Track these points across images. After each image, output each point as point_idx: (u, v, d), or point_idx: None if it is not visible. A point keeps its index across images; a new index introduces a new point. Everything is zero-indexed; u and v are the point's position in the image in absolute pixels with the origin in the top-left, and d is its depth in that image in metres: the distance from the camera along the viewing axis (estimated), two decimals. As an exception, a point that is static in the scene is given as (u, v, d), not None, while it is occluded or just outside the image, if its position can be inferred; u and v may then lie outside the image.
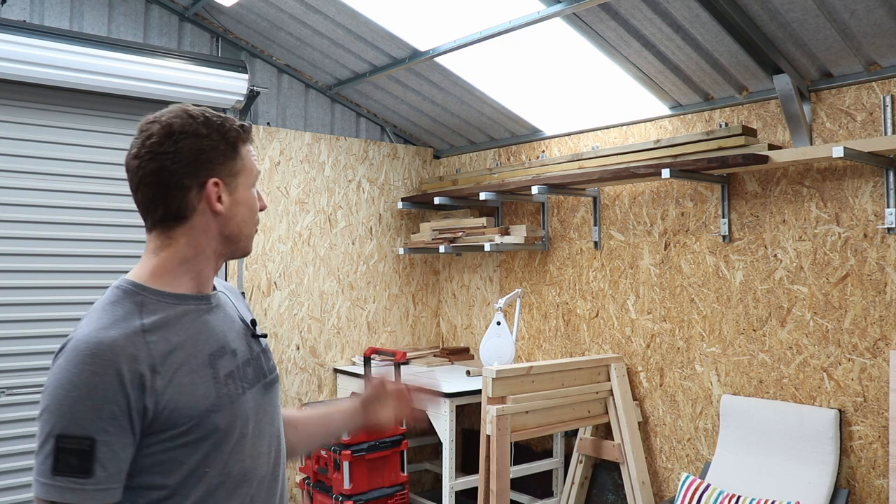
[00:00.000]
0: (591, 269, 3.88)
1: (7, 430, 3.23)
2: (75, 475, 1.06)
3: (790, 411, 2.93)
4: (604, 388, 3.50)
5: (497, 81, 3.75)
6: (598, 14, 2.88)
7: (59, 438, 1.06)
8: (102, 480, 1.08)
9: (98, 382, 1.07)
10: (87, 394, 1.07)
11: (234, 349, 1.27)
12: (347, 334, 4.47)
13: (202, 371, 1.19)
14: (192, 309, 1.23)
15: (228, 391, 1.21)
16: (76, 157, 3.45)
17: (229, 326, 1.29)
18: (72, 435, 1.06)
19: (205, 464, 1.16)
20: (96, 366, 1.08)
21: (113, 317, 1.14)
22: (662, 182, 3.52)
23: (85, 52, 3.27)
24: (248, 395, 1.25)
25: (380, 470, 3.73)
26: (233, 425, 1.20)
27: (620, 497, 3.68)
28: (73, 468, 1.06)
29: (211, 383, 1.19)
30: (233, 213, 1.25)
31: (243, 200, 1.27)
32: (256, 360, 1.31)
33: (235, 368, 1.25)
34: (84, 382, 1.07)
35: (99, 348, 1.09)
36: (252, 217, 1.29)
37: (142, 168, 1.19)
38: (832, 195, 2.92)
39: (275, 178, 4.19)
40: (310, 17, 3.64)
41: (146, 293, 1.19)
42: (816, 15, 2.57)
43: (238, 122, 1.28)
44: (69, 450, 1.06)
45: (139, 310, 1.17)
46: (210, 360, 1.21)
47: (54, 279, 3.38)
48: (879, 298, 2.77)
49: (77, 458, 1.06)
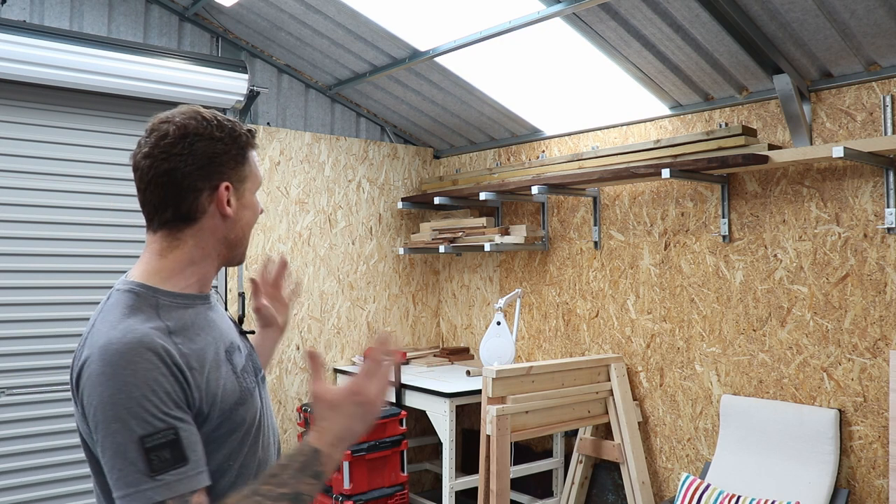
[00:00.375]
0: (591, 269, 3.88)
1: (7, 430, 3.23)
2: (174, 467, 1.05)
3: (790, 411, 2.93)
4: (604, 388, 3.50)
5: (497, 81, 3.75)
6: (598, 14, 2.88)
7: (143, 439, 1.04)
8: (197, 463, 1.09)
9: (155, 377, 1.07)
10: (150, 389, 1.06)
11: (238, 345, 1.30)
12: (347, 334, 4.47)
13: (224, 367, 1.21)
14: (199, 309, 1.24)
15: (247, 384, 1.24)
16: (76, 157, 3.45)
17: (228, 324, 1.33)
18: (154, 431, 1.05)
19: (230, 458, 1.19)
20: (146, 362, 1.08)
21: (137, 319, 1.14)
22: (662, 182, 3.52)
23: (85, 52, 3.27)
24: (257, 388, 1.29)
25: (380, 470, 3.73)
26: (254, 418, 1.24)
27: (620, 497, 3.68)
28: (170, 461, 1.05)
29: (233, 378, 1.21)
30: (239, 217, 1.26)
31: (249, 205, 1.28)
32: (252, 355, 1.35)
33: (245, 363, 1.28)
34: (142, 380, 1.06)
35: (141, 346, 1.09)
36: (254, 221, 1.31)
37: (154, 168, 1.19)
38: (832, 195, 2.92)
39: (275, 178, 4.19)
40: (310, 17, 3.64)
41: (160, 295, 1.19)
42: (816, 15, 2.57)
43: (246, 128, 1.29)
44: (158, 446, 1.05)
45: (157, 312, 1.16)
46: (227, 356, 1.23)
47: (54, 279, 3.39)
48: (879, 298, 2.77)
49: (169, 451, 1.05)
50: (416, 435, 4.55)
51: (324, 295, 4.36)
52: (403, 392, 3.90)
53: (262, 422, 1.27)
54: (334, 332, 4.41)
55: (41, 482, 3.27)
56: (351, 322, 4.48)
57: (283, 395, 4.19)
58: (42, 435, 3.28)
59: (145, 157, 1.20)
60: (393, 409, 3.81)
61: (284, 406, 4.19)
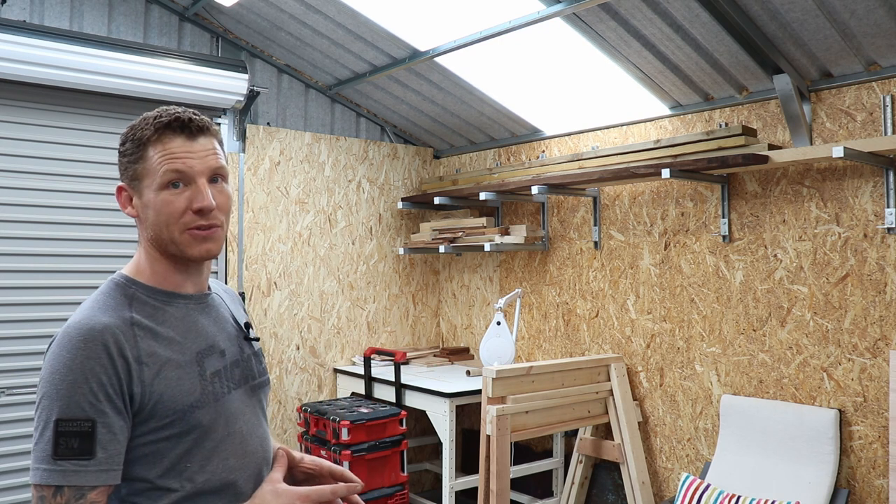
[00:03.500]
0: (591, 269, 3.88)
1: (7, 430, 3.23)
2: (77, 457, 1.08)
3: (790, 411, 2.93)
4: (604, 388, 3.50)
5: (497, 81, 3.75)
6: (598, 14, 2.88)
7: (59, 422, 1.08)
8: (103, 461, 1.10)
9: (93, 365, 1.10)
10: (83, 377, 1.10)
11: (222, 349, 1.29)
12: (347, 334, 4.47)
13: (188, 367, 1.21)
14: (181, 306, 1.26)
15: (214, 389, 1.23)
16: (76, 157, 3.46)
17: (220, 327, 1.32)
18: (72, 418, 1.08)
19: (186, 458, 1.18)
20: (90, 350, 1.11)
21: (104, 306, 1.19)
22: (662, 182, 3.52)
23: (85, 52, 3.27)
24: (234, 394, 1.27)
25: (380, 470, 3.73)
26: (216, 423, 1.22)
27: (620, 497, 3.68)
28: (75, 450, 1.08)
29: (197, 380, 1.21)
30: (144, 216, 1.26)
31: (149, 203, 1.22)
32: (247, 361, 1.34)
33: (223, 368, 1.27)
34: (79, 366, 1.10)
35: (91, 333, 1.12)
36: (166, 219, 1.21)
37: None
38: (832, 195, 2.92)
39: (275, 178, 4.19)
40: (310, 17, 3.64)
41: (136, 287, 1.24)
42: (816, 15, 2.57)
43: (163, 118, 1.22)
44: (70, 432, 1.08)
45: (129, 302, 1.21)
46: (197, 357, 1.23)
47: (55, 279, 3.39)
48: (879, 298, 2.77)
49: (78, 440, 1.08)
50: (416, 435, 4.55)
51: (324, 295, 4.36)
52: (403, 392, 3.90)
53: (235, 428, 1.25)
54: (334, 332, 4.41)
55: (41, 482, 3.27)
56: (351, 322, 4.48)
57: (283, 395, 4.19)
58: (42, 435, 3.28)
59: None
60: (393, 409, 3.81)
61: (284, 406, 4.19)
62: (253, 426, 1.30)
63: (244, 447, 1.26)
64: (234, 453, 1.24)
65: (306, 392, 4.29)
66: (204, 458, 1.20)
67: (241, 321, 1.39)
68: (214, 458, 1.21)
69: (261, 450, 1.31)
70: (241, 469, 1.25)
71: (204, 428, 1.20)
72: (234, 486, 1.23)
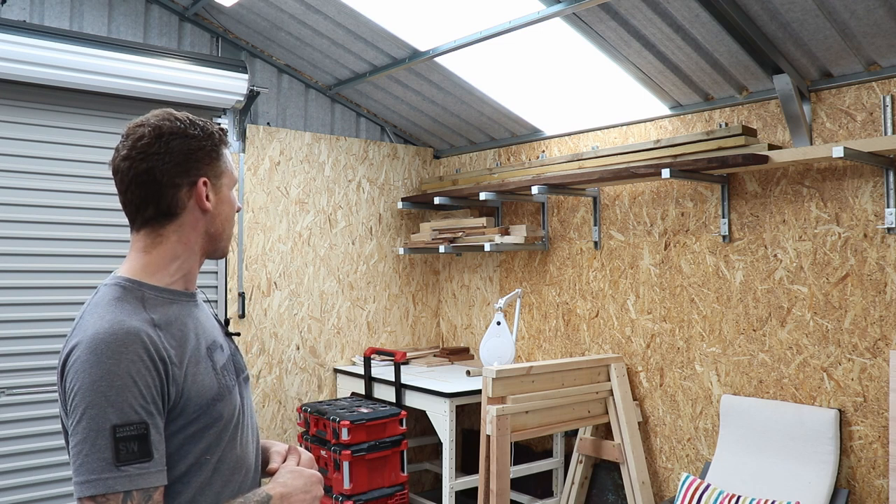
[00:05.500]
0: (591, 269, 3.88)
1: (7, 430, 3.23)
2: (139, 460, 1.09)
3: (790, 411, 2.93)
4: (604, 388, 3.50)
5: (497, 81, 3.75)
6: (598, 14, 2.88)
7: (116, 428, 1.08)
8: (159, 462, 1.12)
9: (139, 368, 1.11)
10: (131, 381, 1.10)
11: (221, 344, 1.33)
12: (347, 334, 4.47)
13: (205, 363, 1.24)
14: (184, 304, 1.28)
15: (226, 382, 1.27)
16: (76, 157, 3.46)
17: (212, 323, 1.36)
18: (128, 422, 1.09)
19: (207, 452, 1.22)
20: (131, 353, 1.12)
21: (124, 310, 1.18)
22: (662, 182, 3.52)
23: (85, 52, 3.27)
24: (237, 387, 1.32)
25: (380, 470, 3.73)
26: (232, 414, 1.26)
27: (620, 497, 3.68)
28: (136, 454, 1.09)
29: (213, 374, 1.25)
30: (218, 211, 1.31)
31: (226, 200, 1.33)
32: (235, 355, 1.38)
33: (226, 361, 1.31)
34: (125, 371, 1.10)
35: (128, 337, 1.13)
36: (233, 216, 1.36)
37: (133, 168, 1.24)
38: (832, 195, 2.92)
39: (275, 178, 4.19)
40: (310, 17, 3.64)
41: (145, 289, 1.24)
42: (816, 15, 2.57)
43: (217, 126, 1.34)
44: (129, 437, 1.09)
45: (143, 305, 1.21)
46: (208, 352, 1.27)
47: (54, 279, 3.39)
48: (879, 298, 2.77)
49: (137, 444, 1.09)
50: (416, 435, 4.55)
51: (324, 295, 4.36)
52: (403, 392, 3.90)
53: (241, 420, 1.30)
54: (334, 332, 4.41)
55: (41, 482, 3.27)
56: (351, 322, 4.48)
57: (282, 395, 4.19)
58: (42, 435, 3.29)
59: (124, 159, 1.25)
60: (393, 409, 3.81)
61: (284, 406, 4.19)
62: (249, 416, 1.36)
63: (246, 437, 1.32)
64: (241, 443, 1.29)
65: (306, 392, 4.29)
66: (221, 449, 1.24)
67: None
68: (227, 449, 1.25)
69: (255, 439, 1.38)
70: (245, 457, 1.31)
71: (224, 420, 1.24)
72: (239, 473, 1.28)
